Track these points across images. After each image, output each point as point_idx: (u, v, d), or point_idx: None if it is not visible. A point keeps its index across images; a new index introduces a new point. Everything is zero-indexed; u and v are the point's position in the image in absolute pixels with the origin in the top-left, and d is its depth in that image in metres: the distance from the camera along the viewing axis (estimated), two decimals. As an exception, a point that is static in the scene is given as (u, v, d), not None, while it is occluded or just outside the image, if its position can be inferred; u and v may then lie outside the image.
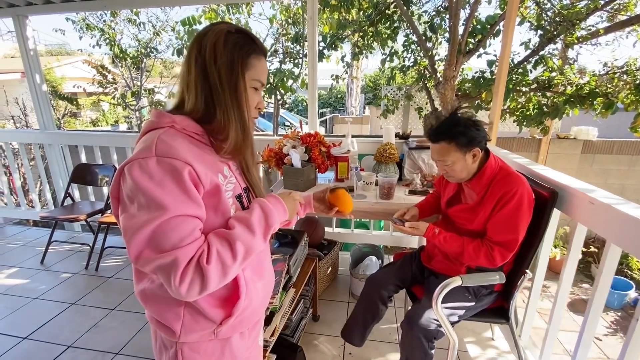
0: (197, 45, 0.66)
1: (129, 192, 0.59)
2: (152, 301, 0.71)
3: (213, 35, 0.66)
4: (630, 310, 3.00)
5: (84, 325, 1.90)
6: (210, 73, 0.65)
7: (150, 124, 0.67)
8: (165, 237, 0.58)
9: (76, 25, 4.20)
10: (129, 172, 0.59)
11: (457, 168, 1.19)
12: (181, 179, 0.60)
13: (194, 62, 0.66)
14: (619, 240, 0.98)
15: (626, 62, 2.98)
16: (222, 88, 0.66)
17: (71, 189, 2.84)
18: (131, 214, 0.59)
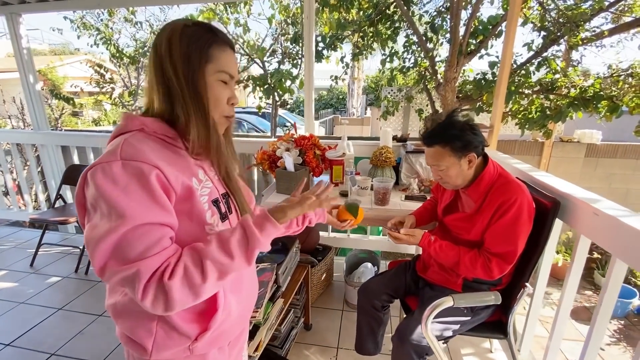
0: (154, 43, 0.63)
1: (91, 199, 0.55)
2: (123, 316, 0.66)
3: (169, 30, 0.62)
4: (634, 319, 2.92)
5: (69, 332, 1.84)
6: (165, 69, 0.61)
7: (119, 128, 0.63)
8: (129, 247, 0.54)
9: (73, 25, 4.17)
10: (92, 178, 0.55)
11: (451, 174, 1.13)
12: (148, 183, 0.55)
13: (152, 61, 0.63)
14: (624, 255, 0.91)
15: (631, 65, 2.91)
16: (179, 83, 0.61)
17: (64, 191, 2.79)
18: (94, 223, 0.55)
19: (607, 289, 0.98)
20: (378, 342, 1.43)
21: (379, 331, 1.41)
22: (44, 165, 3.02)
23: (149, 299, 0.54)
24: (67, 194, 2.91)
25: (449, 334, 1.17)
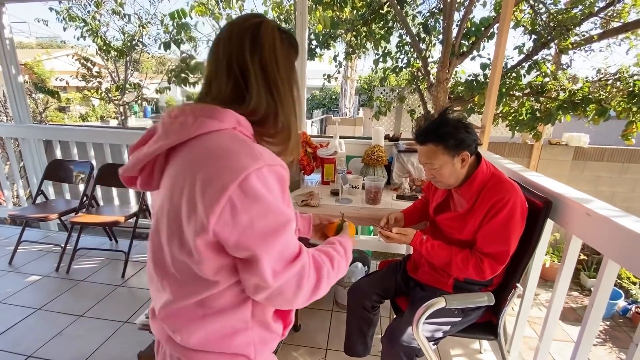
0: (252, 37, 0.58)
1: (251, 203, 0.51)
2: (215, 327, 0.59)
3: (270, 31, 0.60)
4: (619, 320, 2.97)
5: (48, 333, 1.77)
6: (269, 72, 0.59)
7: (212, 123, 0.54)
8: (289, 247, 0.55)
9: (59, 16, 4.04)
10: (245, 184, 0.50)
11: (444, 172, 1.12)
12: (285, 184, 0.57)
13: (250, 59, 0.58)
14: (616, 256, 0.90)
15: (619, 69, 2.96)
16: (283, 88, 0.61)
17: (45, 186, 2.70)
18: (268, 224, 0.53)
19: (598, 290, 0.97)
20: (367, 344, 1.40)
21: (369, 332, 1.39)
22: (25, 160, 2.91)
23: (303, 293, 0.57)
24: (48, 189, 2.81)
25: (440, 335, 1.15)
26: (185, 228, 0.53)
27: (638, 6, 3.14)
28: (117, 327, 1.81)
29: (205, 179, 0.50)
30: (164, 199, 0.56)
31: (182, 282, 0.57)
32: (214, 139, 0.54)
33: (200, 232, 0.51)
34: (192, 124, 0.54)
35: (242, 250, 0.52)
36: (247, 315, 0.60)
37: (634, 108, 2.71)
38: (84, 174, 2.60)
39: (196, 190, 0.50)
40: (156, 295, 0.62)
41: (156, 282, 0.60)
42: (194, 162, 0.53)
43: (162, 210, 0.56)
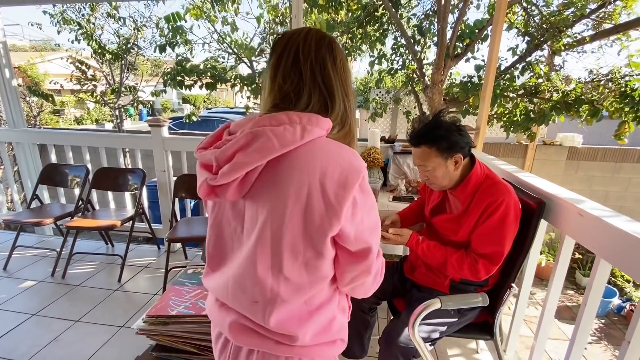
0: (332, 54, 0.64)
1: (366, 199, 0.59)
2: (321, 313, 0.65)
3: (340, 50, 0.66)
4: (614, 317, 3.00)
5: (43, 339, 1.76)
6: (345, 88, 0.66)
7: (316, 130, 0.57)
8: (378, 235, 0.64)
9: (53, 19, 4.02)
10: (363, 182, 0.58)
11: (438, 174, 1.13)
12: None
13: (333, 74, 0.63)
14: (609, 255, 0.92)
15: (611, 70, 3.00)
16: (351, 95, 0.67)
17: (40, 191, 2.68)
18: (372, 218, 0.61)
19: (591, 289, 0.99)
20: (364, 345, 1.41)
21: (366, 334, 1.39)
22: (19, 164, 2.89)
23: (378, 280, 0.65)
24: (43, 194, 2.79)
25: (436, 336, 1.16)
26: (313, 228, 0.56)
27: (629, 8, 3.19)
28: (114, 332, 1.80)
29: (332, 180, 0.55)
30: (271, 206, 0.56)
31: (297, 284, 0.59)
32: (321, 144, 0.58)
33: (333, 229, 0.56)
34: (302, 132, 0.55)
35: (360, 243, 0.59)
36: (335, 305, 0.66)
37: (626, 108, 2.75)
38: (79, 178, 2.59)
39: (326, 191, 0.55)
40: (250, 306, 0.61)
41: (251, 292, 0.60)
42: (312, 166, 0.55)
43: (270, 216, 0.56)
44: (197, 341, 1.04)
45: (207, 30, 3.88)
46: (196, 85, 3.46)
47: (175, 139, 2.62)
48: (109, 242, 2.78)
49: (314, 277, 0.60)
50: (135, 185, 2.52)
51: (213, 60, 3.79)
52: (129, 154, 3.79)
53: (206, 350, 1.04)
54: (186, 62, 3.51)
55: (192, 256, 2.64)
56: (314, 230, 0.55)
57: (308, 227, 0.56)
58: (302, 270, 0.58)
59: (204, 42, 3.91)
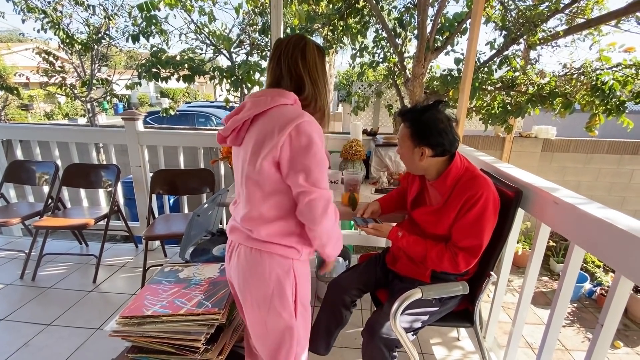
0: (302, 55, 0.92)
1: (306, 143, 0.82)
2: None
3: (312, 49, 0.93)
4: (585, 301, 3.15)
5: (13, 345, 1.66)
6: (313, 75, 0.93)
7: (279, 99, 0.87)
8: (323, 180, 0.86)
9: (16, 7, 3.77)
10: (303, 128, 0.83)
11: (403, 157, 1.20)
12: (322, 138, 0.87)
13: (302, 69, 0.92)
14: (582, 241, 0.94)
15: (583, 64, 3.10)
16: (321, 84, 0.95)
17: (6, 189, 2.53)
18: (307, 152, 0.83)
19: (566, 274, 1.01)
20: (330, 344, 1.39)
21: (335, 332, 1.38)
22: (-19, 162, 2.72)
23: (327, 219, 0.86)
24: (9, 192, 2.63)
25: (418, 325, 1.17)
26: (262, 155, 0.83)
27: (600, 3, 3.29)
28: (89, 335, 1.72)
29: (278, 126, 0.82)
30: (250, 146, 0.86)
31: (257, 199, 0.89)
32: (283, 108, 0.86)
33: (271, 154, 0.83)
34: (270, 100, 0.86)
35: (295, 164, 0.82)
36: (294, 224, 0.90)
37: (597, 101, 2.85)
38: (48, 175, 2.45)
39: (274, 133, 0.82)
40: (238, 211, 0.96)
41: (242, 201, 0.93)
42: (273, 120, 0.84)
43: (248, 152, 0.86)
44: (174, 341, 1.00)
45: (183, 20, 3.73)
46: (173, 77, 3.33)
47: (150, 133, 2.52)
48: (82, 242, 2.66)
49: (265, 194, 0.87)
50: (109, 181, 2.41)
51: (190, 51, 3.66)
52: (103, 150, 3.63)
53: (184, 349, 1.00)
54: (162, 53, 3.37)
55: (171, 254, 2.57)
56: (261, 156, 0.83)
57: (259, 155, 0.84)
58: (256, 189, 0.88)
59: (181, 32, 3.77)
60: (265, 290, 0.89)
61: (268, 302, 0.89)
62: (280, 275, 0.89)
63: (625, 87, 2.79)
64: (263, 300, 0.90)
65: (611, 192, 4.29)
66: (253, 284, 0.90)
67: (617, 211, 0.87)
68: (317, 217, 0.84)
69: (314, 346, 1.38)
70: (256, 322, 0.94)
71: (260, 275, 0.89)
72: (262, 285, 0.89)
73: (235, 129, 0.90)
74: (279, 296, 0.89)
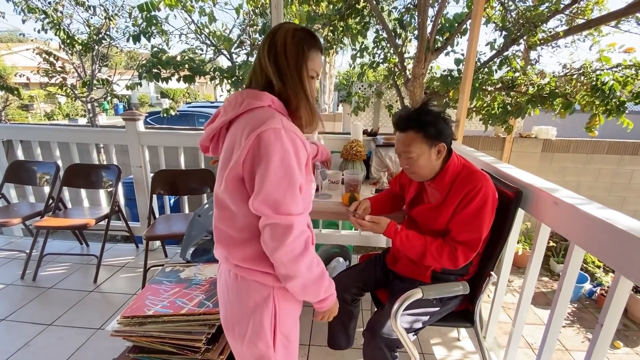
0: (270, 40, 0.78)
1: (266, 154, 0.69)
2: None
3: (284, 31, 0.78)
4: (586, 302, 3.15)
5: (14, 345, 1.67)
6: (281, 63, 0.77)
7: (253, 102, 0.76)
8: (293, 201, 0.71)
9: (17, 7, 3.77)
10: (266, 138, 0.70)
11: (420, 163, 1.12)
12: (298, 149, 0.73)
13: (267, 58, 0.78)
14: (582, 242, 0.95)
15: (583, 65, 3.10)
16: (291, 75, 0.78)
17: (7, 189, 2.53)
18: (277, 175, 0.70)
19: (566, 274, 1.02)
20: (350, 336, 1.41)
21: (350, 325, 1.40)
22: (-18, 162, 2.72)
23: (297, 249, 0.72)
24: (10, 192, 2.64)
25: (419, 326, 1.17)
26: (227, 170, 0.73)
27: (600, 4, 3.30)
28: (90, 335, 1.73)
29: (243, 136, 0.71)
30: (222, 156, 0.78)
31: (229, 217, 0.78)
32: (256, 113, 0.74)
33: (234, 171, 0.72)
34: (242, 103, 0.75)
35: (254, 182, 0.70)
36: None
37: (597, 101, 2.85)
38: (48, 175, 2.46)
39: (240, 144, 0.71)
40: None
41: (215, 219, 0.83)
42: (240, 129, 0.74)
43: (221, 163, 0.77)
44: (175, 340, 1.01)
45: (183, 20, 3.74)
46: (173, 78, 3.33)
47: (151, 134, 2.53)
48: (83, 242, 2.66)
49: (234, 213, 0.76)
50: (110, 182, 2.42)
51: (191, 52, 3.66)
52: (104, 150, 3.64)
53: (185, 349, 1.01)
54: (162, 53, 3.37)
55: (172, 254, 2.57)
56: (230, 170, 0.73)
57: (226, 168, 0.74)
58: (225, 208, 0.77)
59: (181, 33, 3.77)
60: (241, 317, 0.80)
61: (244, 329, 0.80)
62: (258, 302, 0.79)
63: (625, 87, 2.80)
64: (238, 325, 0.81)
65: (611, 192, 4.29)
66: (230, 308, 0.83)
67: (616, 211, 0.87)
68: (271, 247, 0.71)
69: (336, 344, 1.41)
70: (232, 344, 0.87)
71: (237, 300, 0.81)
72: (239, 310, 0.81)
73: (214, 136, 0.82)
74: (255, 325, 0.79)
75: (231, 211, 0.76)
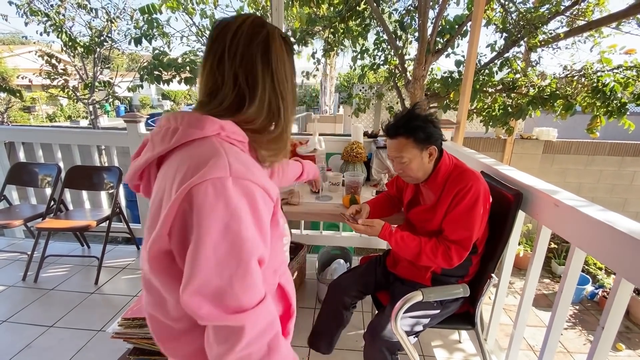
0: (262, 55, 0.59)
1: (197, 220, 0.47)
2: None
3: (278, 46, 0.60)
4: (587, 304, 3.14)
5: (15, 346, 1.67)
6: (280, 84, 0.60)
7: (192, 132, 0.53)
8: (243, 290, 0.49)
9: (19, 10, 3.80)
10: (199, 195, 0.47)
11: (413, 166, 1.15)
12: (257, 208, 0.51)
13: (262, 75, 0.58)
14: (583, 244, 0.94)
15: (584, 66, 3.10)
16: (288, 98, 0.62)
17: (8, 191, 2.54)
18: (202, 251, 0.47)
19: (567, 276, 1.02)
20: (332, 343, 1.39)
21: (336, 333, 1.38)
22: (-16, 164, 2.73)
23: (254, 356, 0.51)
24: (12, 194, 2.65)
25: (420, 329, 1.17)
26: (152, 234, 0.51)
27: (601, 5, 3.30)
28: (91, 337, 1.73)
29: (173, 188, 0.49)
30: (150, 209, 0.55)
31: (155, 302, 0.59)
32: (193, 149, 0.53)
33: (157, 244, 0.50)
34: (173, 134, 0.54)
35: (185, 263, 0.48)
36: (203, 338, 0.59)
37: (598, 103, 2.86)
38: (50, 177, 2.46)
39: (168, 199, 0.49)
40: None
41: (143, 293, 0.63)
42: (174, 172, 0.51)
43: (148, 220, 0.54)
44: (176, 343, 1.01)
45: (185, 23, 3.77)
46: (174, 80, 3.35)
47: (153, 136, 2.53)
48: (84, 244, 2.67)
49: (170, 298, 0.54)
50: (111, 183, 2.42)
51: (192, 54, 3.68)
52: (105, 152, 3.65)
53: (186, 351, 1.01)
54: (163, 56, 3.39)
55: (173, 256, 2.57)
56: (153, 242, 0.50)
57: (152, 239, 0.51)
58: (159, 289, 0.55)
59: (182, 35, 3.79)
60: None
61: None
62: None
63: (626, 88, 2.80)
64: None
65: (613, 194, 4.28)
66: None
67: (617, 213, 0.87)
68: (216, 353, 0.50)
69: (317, 345, 1.39)
70: None
71: None
72: None
73: (143, 173, 0.60)
74: None
75: (162, 297, 0.55)
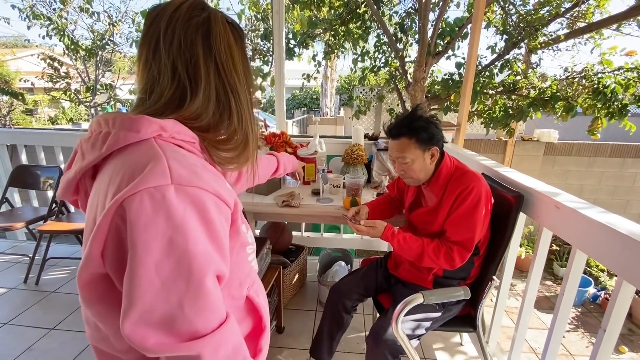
0: (203, 41, 0.51)
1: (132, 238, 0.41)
2: None
3: (222, 30, 0.52)
4: (590, 306, 3.12)
5: (16, 349, 1.67)
6: (227, 72, 0.52)
7: (127, 135, 0.46)
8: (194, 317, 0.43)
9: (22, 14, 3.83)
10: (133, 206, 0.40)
11: (415, 167, 1.15)
12: (209, 219, 0.44)
13: (204, 63, 0.51)
14: (584, 246, 0.94)
15: (584, 68, 3.11)
16: (241, 89, 0.54)
17: (10, 194, 2.55)
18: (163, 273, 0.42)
19: (568, 278, 1.01)
20: (332, 348, 1.39)
21: (337, 336, 1.38)
22: (-13, 166, 2.74)
23: None
24: (14, 197, 2.65)
25: (422, 332, 1.17)
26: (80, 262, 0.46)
27: (602, 7, 3.31)
28: (92, 339, 1.73)
29: (106, 201, 0.43)
30: (85, 225, 0.49)
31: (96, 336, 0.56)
32: (130, 153, 0.46)
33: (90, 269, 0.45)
34: (105, 140, 0.46)
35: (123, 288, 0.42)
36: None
37: (599, 104, 2.85)
38: (52, 180, 2.47)
39: (101, 214, 0.43)
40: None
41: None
42: (107, 182, 0.45)
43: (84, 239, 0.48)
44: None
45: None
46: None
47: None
48: (86, 246, 2.67)
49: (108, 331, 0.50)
50: (112, 186, 2.43)
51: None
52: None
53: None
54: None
55: (174, 258, 2.57)
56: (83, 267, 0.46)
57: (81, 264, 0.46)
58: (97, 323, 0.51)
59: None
60: None
61: None
62: None
63: (627, 90, 2.80)
64: None
65: (614, 195, 4.27)
66: None
67: (618, 215, 0.87)
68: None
69: (318, 353, 1.38)
70: None
71: None
72: None
73: (77, 187, 0.53)
74: None
75: (101, 331, 0.51)
